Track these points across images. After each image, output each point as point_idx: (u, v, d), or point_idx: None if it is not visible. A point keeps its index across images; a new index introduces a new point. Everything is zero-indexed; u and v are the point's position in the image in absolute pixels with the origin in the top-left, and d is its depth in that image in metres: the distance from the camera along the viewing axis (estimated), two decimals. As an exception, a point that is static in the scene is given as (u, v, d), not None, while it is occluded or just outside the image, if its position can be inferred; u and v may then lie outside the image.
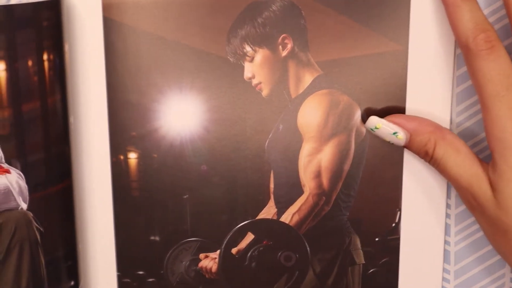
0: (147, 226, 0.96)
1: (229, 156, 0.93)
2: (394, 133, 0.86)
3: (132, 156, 0.94)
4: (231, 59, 0.90)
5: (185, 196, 0.95)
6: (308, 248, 0.95)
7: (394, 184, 0.93)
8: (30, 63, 0.88)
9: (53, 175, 0.92)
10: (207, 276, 0.97)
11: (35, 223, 0.91)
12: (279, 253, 0.95)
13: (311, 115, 0.92)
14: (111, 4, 0.89)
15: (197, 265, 0.97)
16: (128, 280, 0.97)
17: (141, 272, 0.97)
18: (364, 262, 0.97)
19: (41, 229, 0.91)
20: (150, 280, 0.97)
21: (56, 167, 0.92)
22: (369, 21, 0.88)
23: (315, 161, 0.92)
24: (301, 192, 0.94)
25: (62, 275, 0.95)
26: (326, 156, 0.92)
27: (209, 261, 0.97)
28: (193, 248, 0.97)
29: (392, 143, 0.87)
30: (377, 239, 0.96)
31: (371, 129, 0.88)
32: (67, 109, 0.92)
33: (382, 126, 0.86)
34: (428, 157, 0.85)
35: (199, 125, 0.92)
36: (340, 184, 0.93)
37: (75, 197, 0.95)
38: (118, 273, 0.97)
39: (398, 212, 0.94)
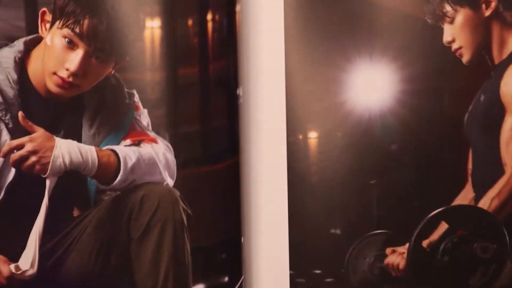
0: (327, 217, 0.89)
1: (423, 133, 0.88)
2: None
3: (312, 136, 0.87)
4: (429, 21, 0.86)
5: (372, 181, 0.88)
6: (507, 237, 0.88)
7: None
8: (190, 22, 0.84)
9: (211, 152, 0.88)
10: (393, 274, 0.90)
11: (182, 203, 0.85)
12: (475, 244, 0.88)
13: (516, 83, 0.89)
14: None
15: (382, 261, 0.89)
16: (303, 280, 0.89)
17: (318, 271, 0.89)
18: None
19: (189, 211, 0.86)
20: (328, 280, 0.89)
21: (214, 143, 0.88)
22: None
23: (519, 136, 0.89)
24: (502, 173, 0.88)
25: (212, 268, 0.89)
26: (531, 130, 0.89)
27: (397, 257, 0.89)
28: (379, 242, 0.89)
29: None
30: None
31: None
32: (234, 78, 0.87)
33: None
34: None
35: (390, 97, 0.87)
36: (546, 162, 0.89)
37: (241, 180, 0.89)
38: (291, 272, 0.89)
39: None
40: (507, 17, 0.86)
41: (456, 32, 0.86)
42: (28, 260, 0.83)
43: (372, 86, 0.87)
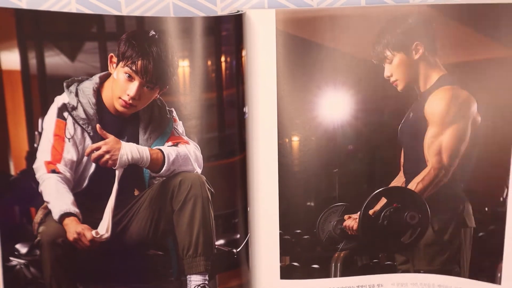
0: (305, 194, 0.96)
1: (370, 138, 0.95)
2: None
3: (295, 139, 0.95)
4: (374, 62, 0.91)
5: (335, 170, 0.96)
6: (429, 210, 0.96)
7: (504, 165, 0.93)
8: (209, 63, 0.90)
9: (225, 151, 0.93)
10: (349, 232, 0.97)
11: (207, 185, 0.91)
12: (406, 213, 0.95)
13: (436, 105, 0.94)
14: (282, 19, 0.91)
15: (342, 224, 0.97)
16: (288, 237, 0.96)
17: (298, 231, 0.97)
18: (474, 226, 0.97)
19: (212, 190, 0.92)
20: (305, 237, 0.98)
21: (228, 145, 0.93)
22: (488, 31, 0.90)
23: (437, 141, 0.95)
24: (424, 166, 0.95)
25: (228, 228, 0.96)
26: (446, 138, 0.94)
27: (352, 221, 0.97)
28: (339, 211, 0.97)
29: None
30: (486, 208, 0.96)
31: None
32: (242, 100, 0.93)
33: None
34: None
35: (348, 114, 0.93)
36: (457, 161, 0.95)
37: (247, 169, 0.95)
38: (280, 231, 0.96)
39: (506, 189, 0.94)
40: (430, 60, 0.91)
41: (393, 70, 0.91)
42: (104, 227, 0.89)
43: (335, 106, 0.93)
